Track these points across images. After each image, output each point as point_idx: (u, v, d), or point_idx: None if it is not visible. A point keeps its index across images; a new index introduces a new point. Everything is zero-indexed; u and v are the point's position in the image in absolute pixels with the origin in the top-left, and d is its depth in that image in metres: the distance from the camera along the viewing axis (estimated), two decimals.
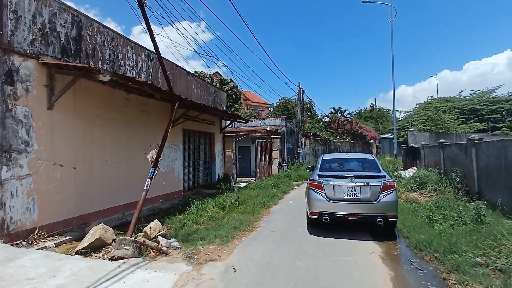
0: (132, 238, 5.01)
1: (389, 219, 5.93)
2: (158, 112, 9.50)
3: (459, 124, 30.30)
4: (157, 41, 5.52)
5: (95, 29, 7.13)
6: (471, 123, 32.55)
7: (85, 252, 4.95)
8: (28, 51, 5.50)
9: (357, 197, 6.03)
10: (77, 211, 6.48)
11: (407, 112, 43.00)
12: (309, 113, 35.41)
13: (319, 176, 6.51)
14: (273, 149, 19.33)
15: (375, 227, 6.48)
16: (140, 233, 5.58)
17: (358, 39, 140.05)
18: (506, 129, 30.57)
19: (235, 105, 27.79)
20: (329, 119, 39.38)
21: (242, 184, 14.33)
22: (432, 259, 4.76)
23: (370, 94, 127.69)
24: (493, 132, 29.05)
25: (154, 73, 9.58)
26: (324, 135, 31.41)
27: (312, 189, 6.38)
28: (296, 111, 27.28)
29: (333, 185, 6.17)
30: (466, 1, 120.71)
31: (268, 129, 20.39)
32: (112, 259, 4.61)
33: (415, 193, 10.32)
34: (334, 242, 5.79)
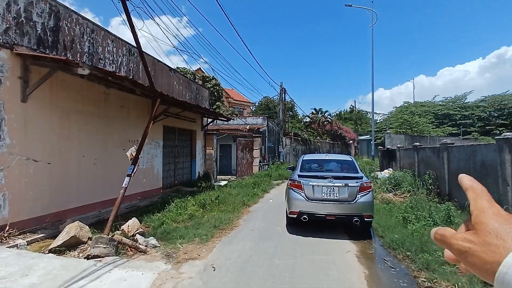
0: (109, 236, 4.92)
1: (365, 219, 6.12)
2: (139, 108, 9.32)
3: (433, 128, 31.56)
4: (138, 36, 5.44)
5: (74, 20, 6.91)
6: (445, 127, 34.02)
7: (59, 251, 4.81)
8: (1, 41, 5.26)
9: (335, 197, 6.18)
10: (51, 208, 6.27)
11: (385, 114, 44.41)
12: (290, 113, 35.73)
13: (299, 176, 6.62)
14: (254, 148, 19.40)
15: (351, 226, 6.67)
16: (117, 231, 5.48)
17: (340, 41, 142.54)
18: (476, 133, 32.16)
19: (217, 103, 27.62)
20: (310, 119, 39.86)
21: (223, 183, 14.30)
22: (405, 257, 4.97)
23: (350, 96, 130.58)
24: (464, 137, 30.50)
25: (135, 68, 9.39)
26: (304, 135, 31.79)
27: (292, 189, 6.48)
28: (278, 110, 27.47)
29: (313, 185, 6.30)
30: (442, 11, 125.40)
31: (249, 127, 20.42)
32: (88, 257, 4.51)
33: (391, 193, 10.68)
34: (312, 241, 5.91)
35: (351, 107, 54.40)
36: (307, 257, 5.05)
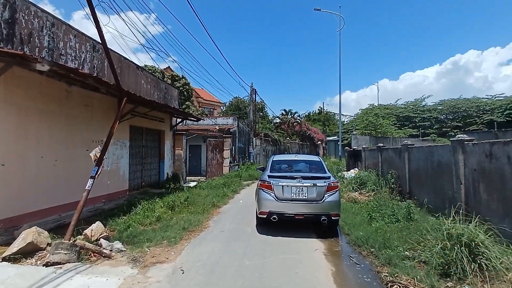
0: (71, 241, 4.68)
1: (333, 218, 6.32)
2: (104, 106, 8.93)
3: (395, 130, 33.23)
4: (103, 32, 5.23)
5: (32, 13, 6.48)
6: (406, 129, 35.99)
7: (14, 258, 4.49)
8: None
9: (304, 197, 6.32)
10: (5, 212, 5.83)
11: (351, 116, 46.06)
12: (261, 113, 36.00)
13: (269, 176, 6.69)
14: (224, 149, 19.31)
15: (319, 225, 6.84)
16: (79, 236, 5.22)
17: (309, 44, 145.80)
18: (434, 135, 34.32)
19: (187, 103, 27.15)
20: (280, 120, 40.43)
21: (192, 184, 14.09)
22: (369, 254, 5.19)
23: (318, 97, 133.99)
24: (423, 138, 32.43)
25: (100, 65, 8.99)
26: (275, 135, 32.17)
27: (262, 189, 6.54)
28: (248, 111, 27.55)
29: (282, 186, 6.39)
30: (404, 19, 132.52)
31: (220, 128, 20.31)
32: (46, 264, 4.25)
33: (356, 192, 11.11)
34: (281, 241, 6.00)
35: (320, 108, 55.87)
36: (277, 256, 5.12)
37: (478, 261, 3.91)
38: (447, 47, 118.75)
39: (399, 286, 3.90)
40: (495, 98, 39.56)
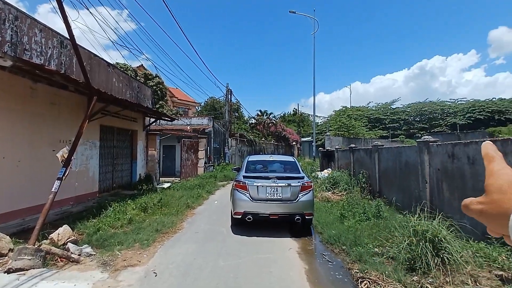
0: (36, 246, 4.45)
1: (306, 217, 6.44)
2: (72, 105, 8.56)
3: (366, 131, 34.40)
4: (72, 27, 5.02)
5: None
6: (376, 130, 37.39)
7: None
8: None
9: (278, 197, 6.40)
10: None
11: (325, 117, 47.16)
12: (236, 114, 35.93)
13: (244, 177, 6.71)
14: (199, 149, 19.10)
15: (293, 225, 6.95)
16: (45, 241, 4.98)
17: (285, 46, 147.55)
18: (403, 136, 35.88)
19: (160, 102, 26.58)
20: (255, 121, 40.55)
21: (166, 185, 13.82)
22: (341, 251, 5.35)
23: (293, 99, 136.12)
24: (393, 139, 33.79)
25: (68, 62, 8.61)
26: (250, 136, 32.24)
27: (237, 190, 6.54)
28: (224, 111, 27.43)
29: (257, 186, 6.43)
30: (374, 23, 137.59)
31: (195, 128, 20.07)
32: (8, 271, 4.02)
33: (329, 192, 11.37)
34: (256, 241, 6.04)
35: (295, 110, 56.60)
36: (251, 256, 5.15)
37: (441, 256, 4.14)
38: (414, 52, 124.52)
39: (369, 282, 4.05)
40: (458, 102, 42.07)
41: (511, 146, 4.60)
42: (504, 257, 4.21)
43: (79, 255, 4.68)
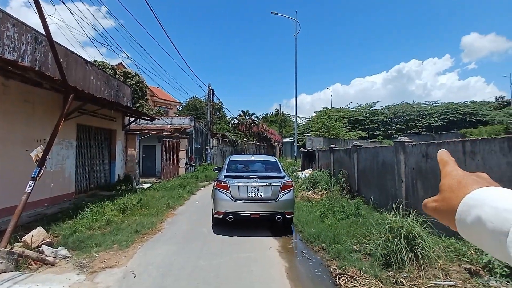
0: (7, 249, 4.28)
1: (287, 216, 6.52)
2: (47, 103, 8.28)
3: (346, 132, 35.12)
4: (48, 22, 4.87)
5: None
6: (356, 131, 38.26)
7: None
8: None
9: (259, 197, 6.44)
10: None
11: (306, 118, 47.77)
12: (218, 114, 35.77)
13: (225, 176, 6.71)
14: (180, 149, 18.88)
15: (274, 223, 7.01)
16: (17, 243, 4.79)
17: (267, 47, 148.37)
18: (381, 137, 36.91)
19: (140, 101, 26.09)
20: (237, 121, 40.51)
21: (146, 185, 13.58)
22: (320, 249, 5.45)
23: (275, 99, 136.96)
24: (371, 140, 34.69)
25: (43, 58, 8.33)
26: (232, 136, 32.18)
27: (219, 190, 6.54)
28: (205, 111, 27.25)
29: (238, 185, 6.45)
30: (353, 27, 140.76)
31: (176, 128, 19.82)
32: None
33: (310, 191, 11.53)
34: (237, 240, 6.05)
35: (276, 110, 57.00)
36: (232, 255, 5.16)
37: (415, 251, 4.31)
38: (393, 55, 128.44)
39: (347, 278, 4.16)
40: (433, 104, 43.69)
41: (479, 146, 4.85)
42: (472, 251, 4.43)
43: (54, 257, 4.54)
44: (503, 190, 0.48)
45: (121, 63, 28.36)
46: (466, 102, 41.45)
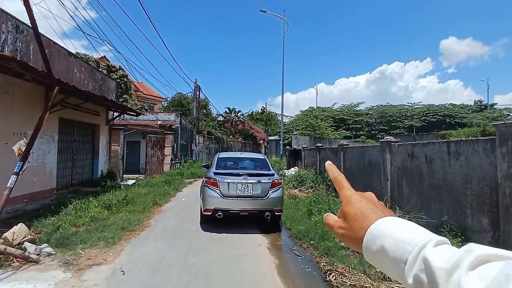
0: None
1: (276, 213, 6.56)
2: (27, 95, 7.96)
3: (331, 131, 35.60)
4: (33, 12, 4.68)
5: None
6: (341, 130, 38.86)
7: None
8: None
9: (249, 194, 6.44)
10: None
11: (292, 117, 48.08)
12: (204, 111, 35.45)
13: (214, 173, 6.66)
14: (165, 145, 18.60)
15: (263, 221, 7.03)
16: None
17: (253, 45, 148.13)
18: (364, 137, 37.66)
19: (124, 96, 25.50)
20: (223, 118, 40.30)
21: (130, 182, 13.33)
22: (309, 246, 5.51)
23: (260, 97, 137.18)
24: (355, 139, 35.32)
25: (24, 49, 7.99)
26: (218, 133, 31.99)
27: (208, 186, 6.49)
28: (191, 108, 26.96)
29: (228, 183, 6.43)
30: (340, 26, 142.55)
31: (161, 124, 19.51)
32: None
33: (296, 189, 11.64)
34: (226, 237, 6.03)
35: (262, 108, 57.02)
36: (222, 252, 5.14)
37: None
38: (376, 57, 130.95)
39: (336, 274, 4.23)
40: (414, 106, 44.92)
41: (463, 147, 5.02)
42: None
43: (37, 254, 4.39)
44: (397, 220, 0.54)
45: (104, 56, 27.60)
46: (446, 105, 42.84)
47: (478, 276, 0.41)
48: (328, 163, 0.69)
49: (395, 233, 0.51)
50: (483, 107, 43.02)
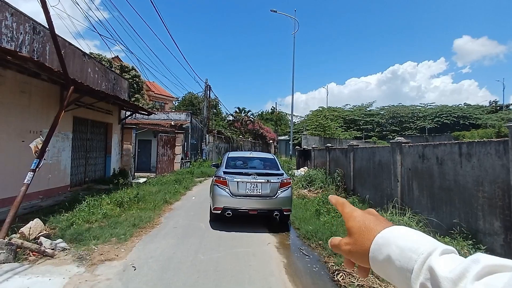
0: (6, 240, 4.26)
1: (285, 213, 6.58)
2: (43, 94, 8.19)
3: (342, 132, 35.37)
4: (50, 13, 4.82)
5: None
6: (351, 131, 38.54)
7: None
8: None
9: (258, 193, 6.49)
10: None
11: (302, 117, 47.91)
12: (214, 110, 35.65)
13: (224, 172, 6.73)
14: (176, 144, 18.83)
15: (271, 220, 7.06)
16: (14, 235, 4.77)
17: (263, 45, 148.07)
18: (375, 138, 37.25)
19: (136, 95, 25.90)
20: (233, 118, 40.47)
21: (142, 180, 13.54)
22: (317, 246, 5.52)
23: (269, 97, 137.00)
24: (366, 140, 34.97)
25: (41, 49, 8.22)
26: (228, 133, 32.15)
27: (217, 185, 6.56)
28: (202, 107, 27.16)
29: (237, 182, 6.48)
30: (352, 25, 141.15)
31: (172, 123, 19.74)
32: None
33: (305, 190, 11.63)
34: (235, 236, 6.09)
35: (272, 108, 56.94)
36: (231, 250, 5.20)
37: None
38: (388, 56, 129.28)
39: (344, 274, 4.23)
40: (427, 106, 44.18)
41: (475, 148, 4.95)
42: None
43: (53, 249, 4.53)
44: (403, 229, 0.55)
45: (117, 56, 28.07)
46: (460, 105, 42.00)
47: (484, 286, 0.40)
48: (330, 197, 0.73)
49: (401, 242, 0.52)
50: (498, 108, 42.00)
